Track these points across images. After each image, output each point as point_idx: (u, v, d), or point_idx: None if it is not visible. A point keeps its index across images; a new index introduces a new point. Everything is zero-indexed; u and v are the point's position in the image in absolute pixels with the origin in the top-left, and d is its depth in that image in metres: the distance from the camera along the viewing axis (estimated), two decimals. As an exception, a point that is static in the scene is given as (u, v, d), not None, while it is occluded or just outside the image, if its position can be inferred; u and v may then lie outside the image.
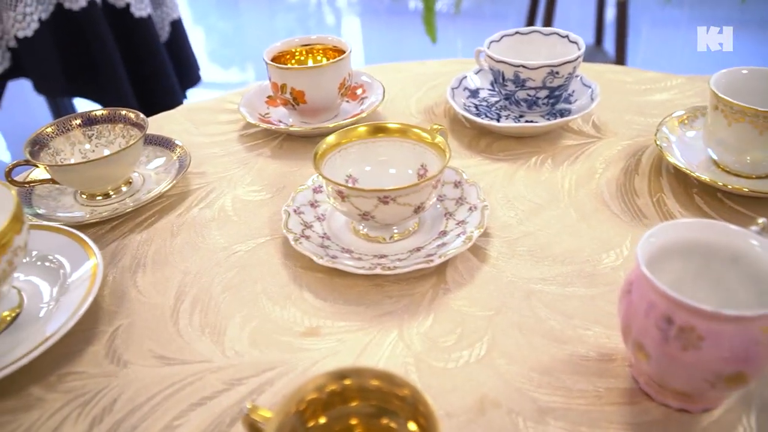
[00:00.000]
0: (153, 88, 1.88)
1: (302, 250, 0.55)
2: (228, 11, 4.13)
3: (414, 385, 0.33)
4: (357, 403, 0.36)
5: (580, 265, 0.56)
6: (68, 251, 0.57)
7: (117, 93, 1.77)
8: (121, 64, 1.73)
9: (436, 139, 0.57)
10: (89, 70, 1.71)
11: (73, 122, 0.68)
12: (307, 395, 0.35)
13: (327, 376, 0.34)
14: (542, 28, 0.75)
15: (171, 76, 1.91)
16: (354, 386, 0.35)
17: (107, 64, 1.71)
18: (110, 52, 1.70)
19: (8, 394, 0.48)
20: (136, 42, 1.78)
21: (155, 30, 1.82)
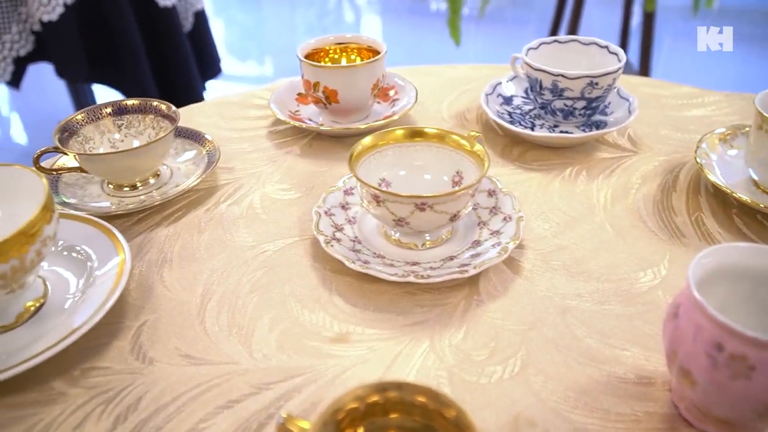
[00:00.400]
0: (174, 78, 1.87)
1: (333, 253, 0.54)
2: (249, 4, 4.13)
3: (461, 407, 0.31)
4: (398, 416, 0.34)
5: (616, 282, 0.54)
6: (96, 242, 0.56)
7: (138, 81, 1.76)
8: (144, 53, 1.73)
9: (474, 147, 0.56)
10: (112, 57, 1.71)
11: (103, 111, 0.67)
12: (347, 404, 0.33)
13: (370, 387, 0.33)
14: (581, 38, 0.74)
15: (192, 67, 1.91)
16: (397, 400, 0.33)
17: (130, 51, 1.71)
18: (133, 40, 1.69)
19: (30, 386, 0.47)
20: (160, 31, 1.77)
21: (179, 20, 1.82)
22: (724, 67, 2.68)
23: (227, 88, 2.75)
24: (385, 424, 0.35)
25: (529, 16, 3.73)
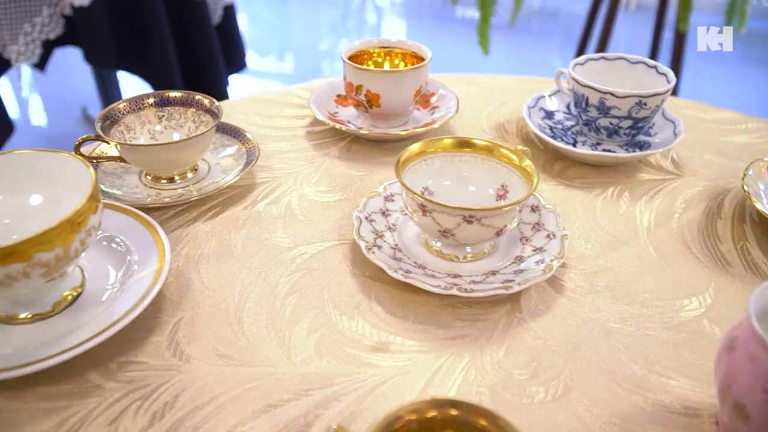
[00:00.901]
0: (200, 70, 1.87)
1: (375, 261, 0.53)
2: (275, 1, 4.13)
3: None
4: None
5: (661, 308, 0.53)
6: (134, 234, 0.56)
7: (164, 71, 1.76)
8: (172, 43, 1.73)
9: (523, 162, 0.55)
10: (140, 46, 1.71)
11: (146, 101, 0.67)
12: (404, 417, 0.33)
13: (428, 402, 0.33)
14: (629, 56, 0.73)
15: (219, 60, 1.91)
16: (454, 418, 0.33)
17: (158, 41, 1.71)
18: (162, 30, 1.69)
19: (66, 377, 0.46)
20: (189, 22, 1.77)
21: (208, 12, 1.82)
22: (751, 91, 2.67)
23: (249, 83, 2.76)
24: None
25: (555, 28, 3.72)
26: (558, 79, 0.76)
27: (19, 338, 0.48)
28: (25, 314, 0.50)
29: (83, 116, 2.45)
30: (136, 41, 1.71)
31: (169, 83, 1.79)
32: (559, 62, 3.27)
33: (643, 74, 0.72)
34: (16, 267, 0.43)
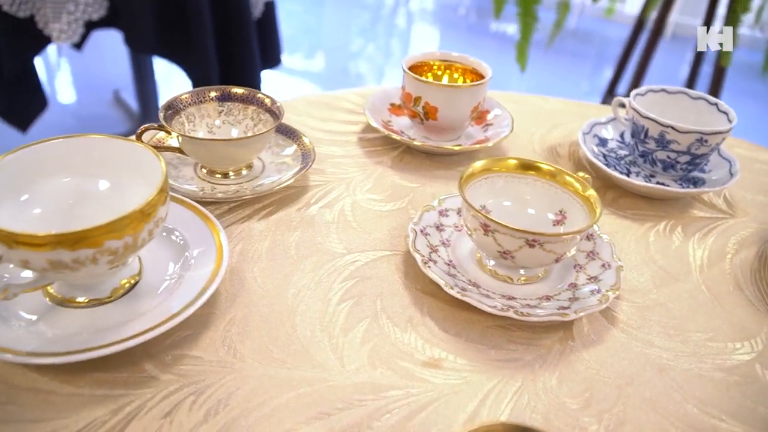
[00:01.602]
0: (236, 62, 1.89)
1: (431, 275, 0.53)
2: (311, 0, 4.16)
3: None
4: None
5: (713, 348, 0.53)
6: (193, 227, 0.56)
7: (201, 61, 1.78)
8: (211, 34, 1.74)
9: (587, 192, 0.56)
10: (180, 33, 1.72)
11: (208, 94, 0.67)
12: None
13: (511, 427, 0.33)
14: (690, 91, 0.73)
15: (255, 54, 1.93)
16: None
17: (198, 30, 1.72)
18: (204, 20, 1.71)
19: (121, 365, 0.47)
20: (230, 14, 1.79)
21: (250, 6, 1.83)
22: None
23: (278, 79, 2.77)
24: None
25: (589, 50, 3.72)
26: (615, 108, 0.76)
27: (75, 322, 0.49)
28: (83, 298, 0.50)
29: (115, 99, 2.47)
30: (177, 29, 1.72)
31: (205, 73, 1.80)
32: (588, 85, 3.27)
33: (704, 111, 0.72)
34: (85, 252, 0.44)
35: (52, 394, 0.44)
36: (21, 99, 1.88)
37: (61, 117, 2.28)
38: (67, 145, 0.51)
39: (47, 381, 0.45)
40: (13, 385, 0.45)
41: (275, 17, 2.06)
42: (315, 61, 3.35)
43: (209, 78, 1.81)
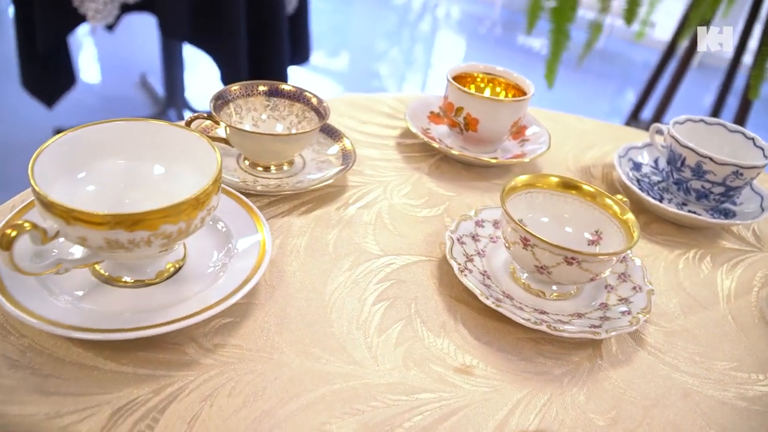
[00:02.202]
0: (265, 56, 1.91)
1: (467, 284, 0.55)
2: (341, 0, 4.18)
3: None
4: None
5: (737, 377, 0.55)
6: (237, 218, 0.58)
7: (231, 51, 1.80)
8: (244, 26, 1.76)
9: (625, 215, 0.57)
10: (213, 23, 1.74)
11: (258, 88, 0.69)
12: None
13: None
14: (728, 124, 0.74)
15: (285, 49, 1.94)
16: None
17: (232, 22, 1.74)
18: (238, 12, 1.73)
19: (163, 347, 0.48)
20: (264, 8, 1.81)
21: (284, 1, 1.85)
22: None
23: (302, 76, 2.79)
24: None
25: (613, 71, 3.73)
26: (653, 134, 0.77)
27: (120, 300, 0.50)
28: (129, 279, 0.52)
29: (141, 82, 2.49)
30: (210, 18, 1.74)
31: (234, 65, 1.82)
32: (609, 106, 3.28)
33: (741, 144, 0.73)
34: (141, 234, 0.45)
35: (95, 369, 0.46)
36: (51, 75, 1.90)
37: (85, 96, 2.31)
38: (126, 128, 0.53)
39: (91, 356, 0.47)
40: (57, 359, 0.46)
41: (307, 14, 2.08)
42: (338, 60, 3.37)
43: (237, 69, 1.83)
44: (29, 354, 0.46)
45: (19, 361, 0.45)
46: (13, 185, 1.82)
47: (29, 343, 0.47)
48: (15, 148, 2.03)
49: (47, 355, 0.46)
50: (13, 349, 0.46)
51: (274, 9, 1.87)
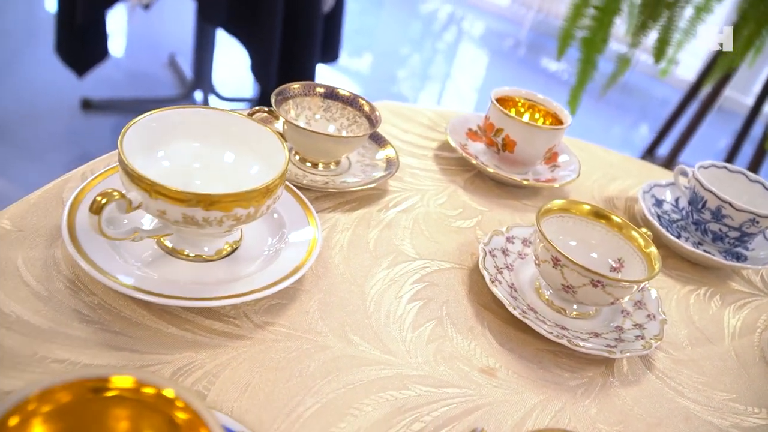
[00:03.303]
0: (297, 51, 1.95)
1: (497, 293, 0.60)
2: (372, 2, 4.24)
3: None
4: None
5: (735, 409, 0.60)
6: (291, 208, 0.63)
7: (265, 43, 1.85)
8: (281, 19, 1.81)
9: (648, 248, 0.62)
10: (251, 13, 1.79)
11: (316, 89, 0.74)
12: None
13: None
14: (749, 173, 0.80)
15: (317, 47, 2.00)
16: None
17: (269, 15, 1.79)
18: (275, 5, 1.77)
19: (219, 318, 0.53)
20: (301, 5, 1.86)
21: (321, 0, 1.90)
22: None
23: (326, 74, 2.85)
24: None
25: (632, 104, 3.79)
26: (677, 175, 0.82)
27: (181, 272, 0.55)
28: (190, 253, 0.57)
29: (170, 62, 2.55)
30: (248, 8, 1.79)
31: (266, 56, 1.87)
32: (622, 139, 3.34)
33: (759, 194, 0.79)
34: (215, 214, 0.50)
35: (158, 332, 0.51)
36: (85, 46, 1.95)
37: (113, 70, 2.36)
38: (205, 115, 0.58)
39: (155, 320, 0.52)
40: (124, 318, 0.51)
41: (342, 15, 2.13)
42: (360, 61, 3.43)
43: (268, 61, 1.88)
44: (99, 311, 0.51)
45: (89, 316, 0.50)
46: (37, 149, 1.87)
47: (99, 301, 0.52)
48: (42, 114, 2.08)
49: (115, 314, 0.51)
50: (84, 305, 0.51)
51: (311, 7, 1.92)
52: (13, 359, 0.46)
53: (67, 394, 0.31)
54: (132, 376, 0.32)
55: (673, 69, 3.78)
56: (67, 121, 2.08)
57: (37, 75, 2.28)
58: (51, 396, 0.31)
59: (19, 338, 0.47)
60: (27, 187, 1.67)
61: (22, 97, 2.13)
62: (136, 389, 0.32)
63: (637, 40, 1.87)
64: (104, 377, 0.31)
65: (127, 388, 0.32)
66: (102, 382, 0.32)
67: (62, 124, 2.07)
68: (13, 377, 0.44)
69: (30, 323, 0.48)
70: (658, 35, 1.84)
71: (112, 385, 0.32)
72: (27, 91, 2.18)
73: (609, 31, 1.87)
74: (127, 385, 0.32)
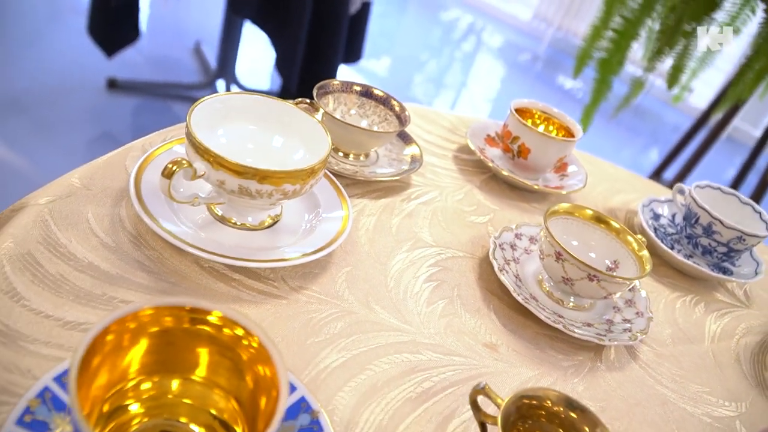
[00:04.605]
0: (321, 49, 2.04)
1: (504, 280, 0.69)
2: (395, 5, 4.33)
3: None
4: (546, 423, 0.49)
5: (707, 401, 0.68)
6: (324, 189, 0.71)
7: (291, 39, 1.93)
8: (308, 19, 1.90)
9: (641, 252, 0.71)
10: (280, 9, 1.88)
11: (354, 87, 0.83)
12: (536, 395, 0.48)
13: (560, 397, 0.48)
14: (741, 195, 0.88)
15: (341, 47, 2.08)
16: (565, 415, 0.48)
17: (297, 12, 1.88)
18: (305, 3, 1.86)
19: (260, 280, 0.62)
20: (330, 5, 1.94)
21: (348, 1, 1.99)
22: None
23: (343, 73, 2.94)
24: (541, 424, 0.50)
25: (643, 128, 3.87)
26: (675, 193, 0.91)
27: (228, 237, 0.64)
28: (237, 221, 0.65)
29: (195, 50, 2.64)
30: (278, 4, 1.88)
31: (291, 51, 1.96)
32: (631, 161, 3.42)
33: (748, 215, 0.87)
34: (267, 188, 0.59)
35: (208, 287, 0.59)
36: (117, 27, 2.04)
37: (138, 53, 2.45)
38: (262, 102, 0.67)
39: (205, 275, 0.60)
40: (178, 272, 0.60)
41: (367, 17, 2.22)
42: (378, 63, 3.52)
43: (293, 57, 1.97)
44: (158, 263, 0.60)
45: (150, 267, 0.59)
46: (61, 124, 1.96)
47: (158, 255, 0.60)
48: (68, 90, 2.17)
49: (171, 268, 0.60)
50: (145, 257, 0.60)
51: (339, 7, 2.01)
52: (86, 297, 0.54)
53: (156, 316, 0.40)
54: (219, 310, 0.41)
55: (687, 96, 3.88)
56: (93, 98, 2.18)
57: (65, 53, 2.38)
58: (140, 316, 0.39)
59: (90, 280, 0.56)
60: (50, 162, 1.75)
61: (50, 74, 2.23)
62: (220, 321, 0.41)
63: (652, 65, 1.95)
64: (194, 306, 0.40)
65: (212, 318, 0.41)
66: (191, 311, 0.40)
67: (88, 101, 2.16)
68: (86, 312, 0.53)
69: (100, 268, 0.57)
70: (673, 62, 1.93)
71: (197, 315, 0.41)
72: (55, 68, 2.27)
73: (626, 54, 1.96)
74: (213, 316, 0.41)
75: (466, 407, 0.56)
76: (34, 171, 1.75)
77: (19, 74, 2.17)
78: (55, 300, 0.53)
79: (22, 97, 2.06)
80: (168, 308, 0.40)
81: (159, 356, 0.42)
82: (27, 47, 2.34)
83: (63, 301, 0.53)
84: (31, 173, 1.74)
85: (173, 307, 0.40)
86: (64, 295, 0.53)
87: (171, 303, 0.40)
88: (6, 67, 2.18)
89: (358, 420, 0.52)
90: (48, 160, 1.83)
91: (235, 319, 0.41)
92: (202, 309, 0.40)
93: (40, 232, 0.57)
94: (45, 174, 1.75)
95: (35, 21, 2.54)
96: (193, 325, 0.41)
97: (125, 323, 0.39)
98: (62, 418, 0.44)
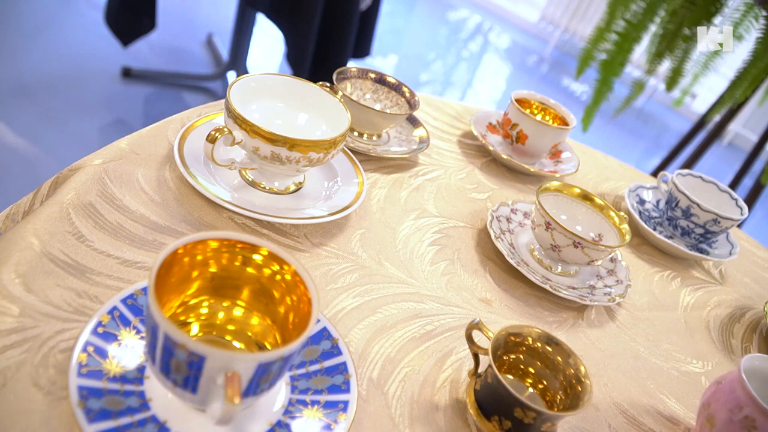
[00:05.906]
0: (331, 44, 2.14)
1: (499, 246, 0.79)
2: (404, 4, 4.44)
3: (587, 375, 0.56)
4: (529, 358, 0.60)
5: (677, 358, 0.79)
6: (341, 161, 0.82)
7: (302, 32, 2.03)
8: (320, 13, 2.00)
9: (621, 225, 0.81)
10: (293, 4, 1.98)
11: (369, 74, 0.94)
12: (521, 332, 0.59)
13: (542, 334, 0.59)
14: (720, 183, 0.99)
15: (351, 42, 2.18)
16: (545, 351, 0.59)
17: (310, 6, 1.98)
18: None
19: (286, 236, 0.72)
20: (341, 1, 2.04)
21: (360, -3, 2.09)
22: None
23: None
24: (527, 359, 0.60)
25: (646, 131, 3.98)
26: (659, 180, 1.02)
27: (257, 199, 0.74)
28: (266, 185, 0.76)
29: (207, 41, 2.75)
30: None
31: (302, 45, 2.06)
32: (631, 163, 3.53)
33: (725, 202, 0.98)
34: (295, 155, 0.70)
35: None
36: (133, 16, 2.15)
37: (152, 42, 2.56)
38: (291, 82, 0.78)
39: (238, 230, 0.71)
40: (216, 227, 0.70)
41: (377, 14, 2.33)
42: (386, 60, 3.63)
43: (304, 51, 2.08)
44: (197, 219, 0.70)
45: (191, 220, 0.70)
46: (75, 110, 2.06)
47: (198, 211, 0.71)
48: (83, 78, 2.28)
49: (209, 223, 0.70)
50: (187, 212, 0.70)
51: (350, 4, 2.12)
52: (140, 241, 0.65)
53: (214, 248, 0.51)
54: (266, 247, 0.52)
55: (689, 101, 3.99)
56: (107, 86, 2.28)
57: (82, 42, 2.49)
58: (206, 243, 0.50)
59: (142, 228, 0.66)
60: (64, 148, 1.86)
61: (66, 62, 2.34)
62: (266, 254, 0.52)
63: (652, 68, 2.06)
64: (248, 241, 0.51)
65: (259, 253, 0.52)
66: (243, 244, 0.51)
67: (102, 88, 2.27)
68: (141, 253, 0.64)
69: (150, 219, 0.67)
70: (672, 65, 2.03)
71: (248, 248, 0.51)
72: (71, 56, 2.38)
73: (628, 56, 2.06)
74: (262, 251, 0.52)
75: (462, 347, 0.67)
76: (49, 157, 1.86)
77: (37, 62, 2.28)
78: (114, 243, 0.63)
79: (39, 85, 2.17)
80: (225, 240, 0.51)
81: (213, 282, 0.53)
82: (44, 36, 2.45)
83: (121, 244, 0.63)
84: (47, 159, 1.85)
85: (230, 240, 0.51)
86: (122, 239, 0.64)
87: (228, 236, 0.51)
88: (23, 56, 2.29)
89: (369, 351, 0.63)
90: (63, 145, 1.94)
91: (276, 253, 0.51)
92: (253, 244, 0.51)
93: (98, 187, 0.68)
94: (60, 159, 1.86)
95: (52, 10, 2.65)
96: (244, 255, 0.52)
97: (195, 247, 0.50)
98: (128, 331, 0.55)
